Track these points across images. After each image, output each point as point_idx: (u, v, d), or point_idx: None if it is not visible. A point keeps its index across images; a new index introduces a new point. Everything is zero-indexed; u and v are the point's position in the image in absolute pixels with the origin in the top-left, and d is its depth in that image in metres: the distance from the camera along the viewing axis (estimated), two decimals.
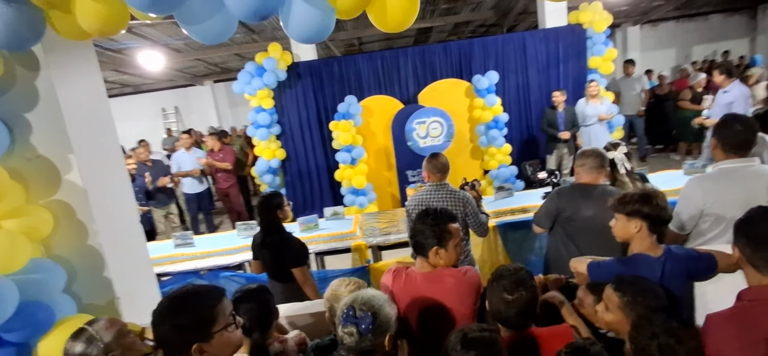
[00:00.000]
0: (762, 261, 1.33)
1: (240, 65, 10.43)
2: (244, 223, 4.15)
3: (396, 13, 1.50)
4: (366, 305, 1.32)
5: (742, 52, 11.91)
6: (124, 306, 2.00)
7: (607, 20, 5.93)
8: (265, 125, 5.95)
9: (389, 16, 1.52)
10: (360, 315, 1.30)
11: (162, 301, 1.26)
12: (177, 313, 1.22)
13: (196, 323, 1.23)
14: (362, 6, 1.50)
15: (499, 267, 1.56)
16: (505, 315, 1.50)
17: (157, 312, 1.25)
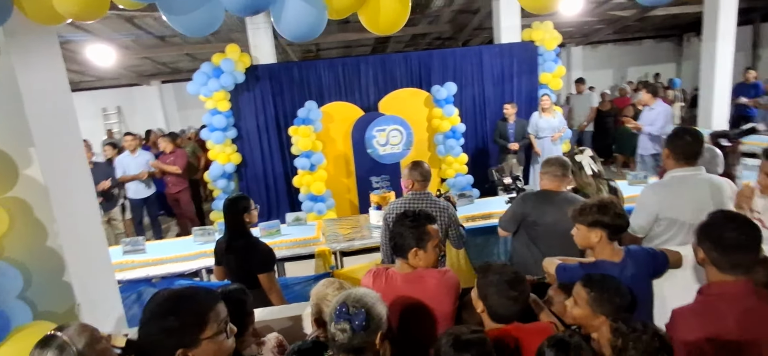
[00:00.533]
0: (726, 264, 1.45)
1: (191, 66, 10.11)
2: (202, 228, 3.98)
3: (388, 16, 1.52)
4: (359, 302, 1.32)
5: (670, 75, 13.01)
6: (84, 314, 1.84)
7: (557, 39, 6.29)
8: (221, 128, 5.76)
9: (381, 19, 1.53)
10: (353, 311, 1.29)
11: (153, 299, 1.19)
12: (167, 314, 1.15)
13: (185, 327, 1.16)
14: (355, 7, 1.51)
15: (487, 263, 1.60)
16: (508, 312, 1.54)
17: (147, 311, 1.17)
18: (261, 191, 6.28)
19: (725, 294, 1.44)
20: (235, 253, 2.68)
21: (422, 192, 2.74)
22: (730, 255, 1.44)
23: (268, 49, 6.13)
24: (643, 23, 10.95)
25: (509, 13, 6.40)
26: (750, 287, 1.46)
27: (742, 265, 1.45)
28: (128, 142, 6.09)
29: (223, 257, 2.79)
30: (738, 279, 1.44)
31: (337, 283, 1.74)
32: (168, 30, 7.31)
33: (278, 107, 6.08)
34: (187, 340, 1.16)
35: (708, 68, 6.83)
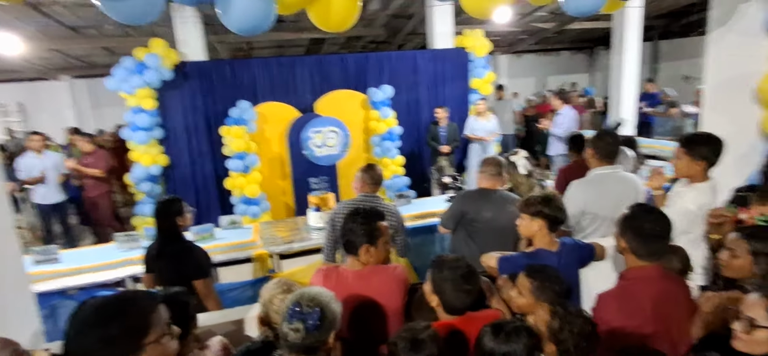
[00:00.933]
0: (644, 250, 1.65)
1: (109, 61, 9.33)
2: (126, 234, 3.70)
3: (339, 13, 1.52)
4: (313, 301, 1.31)
5: (584, 84, 14.21)
6: None
7: (487, 47, 6.63)
8: (145, 128, 5.39)
9: (332, 16, 1.53)
10: (307, 310, 1.28)
11: (84, 309, 1.09)
12: (107, 322, 1.06)
13: (127, 333, 1.08)
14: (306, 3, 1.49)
15: (440, 257, 1.65)
16: (463, 304, 1.60)
17: (78, 321, 1.07)
18: (190, 194, 5.95)
19: (642, 278, 1.64)
20: (168, 259, 2.53)
21: (372, 195, 2.77)
22: (648, 244, 1.64)
23: (197, 44, 5.85)
24: (560, 35, 11.86)
25: (442, 19, 6.64)
26: (662, 271, 1.67)
27: (657, 252, 1.66)
28: (34, 142, 5.49)
29: (154, 264, 2.61)
30: (653, 264, 1.65)
31: (286, 284, 1.71)
32: (82, 20, 6.71)
33: (209, 106, 5.81)
34: (130, 347, 1.09)
35: (616, 79, 7.56)
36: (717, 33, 3.27)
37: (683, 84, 11.57)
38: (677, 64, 12.07)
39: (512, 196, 2.69)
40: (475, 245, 2.58)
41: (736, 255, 1.71)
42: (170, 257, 2.52)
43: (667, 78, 11.95)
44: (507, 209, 2.58)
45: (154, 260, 2.60)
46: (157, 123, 5.54)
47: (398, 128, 6.25)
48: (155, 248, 2.61)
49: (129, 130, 5.41)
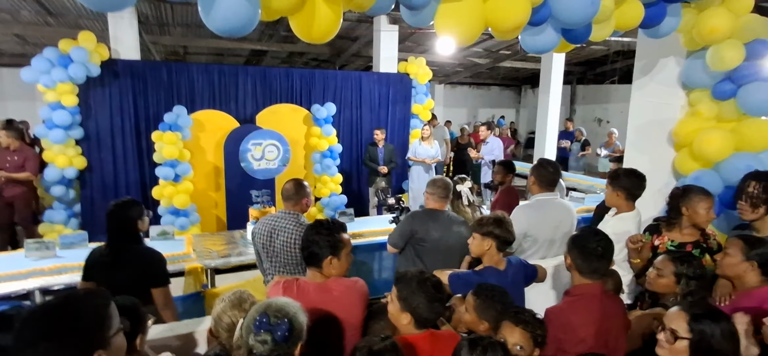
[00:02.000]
0: (587, 268, 1.82)
1: (20, 50, 8.43)
2: (36, 241, 3.31)
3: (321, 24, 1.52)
4: (281, 312, 1.26)
5: (511, 118, 15.23)
6: None
7: (428, 75, 6.91)
8: (64, 126, 4.91)
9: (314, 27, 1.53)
10: (275, 322, 1.23)
11: (31, 320, 0.97)
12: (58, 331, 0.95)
13: (91, 329, 1.00)
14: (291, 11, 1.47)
15: (403, 272, 1.65)
16: (435, 314, 1.61)
17: (29, 335, 0.94)
18: (109, 200, 5.41)
19: (585, 294, 1.81)
20: (124, 266, 2.30)
21: (290, 212, 2.64)
22: (591, 262, 1.81)
23: (132, 43, 5.48)
24: (492, 72, 12.66)
25: (388, 44, 6.83)
26: (602, 288, 1.85)
27: (599, 271, 1.84)
28: None
29: (103, 272, 2.33)
30: (594, 282, 1.82)
31: (238, 297, 1.63)
32: None
33: (139, 108, 5.44)
34: (99, 342, 1.02)
35: (542, 116, 8.20)
36: (641, 81, 3.70)
37: (595, 126, 12.83)
38: (591, 107, 13.36)
39: (458, 217, 2.81)
40: (422, 264, 2.63)
41: (662, 274, 1.95)
42: (127, 264, 2.31)
43: (582, 119, 13.18)
44: (453, 229, 2.68)
45: (106, 267, 2.34)
46: (77, 122, 5.07)
47: (339, 146, 6.27)
48: (107, 254, 2.37)
49: (43, 127, 4.90)
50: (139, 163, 5.58)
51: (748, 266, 1.82)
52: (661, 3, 2.73)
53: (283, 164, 5.87)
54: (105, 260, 2.38)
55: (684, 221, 2.36)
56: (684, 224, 2.37)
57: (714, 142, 3.01)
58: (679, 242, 2.39)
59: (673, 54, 3.41)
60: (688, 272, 1.87)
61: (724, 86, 3.05)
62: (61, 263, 3.22)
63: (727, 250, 1.92)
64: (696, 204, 2.30)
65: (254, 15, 1.43)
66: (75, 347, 0.98)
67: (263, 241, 2.61)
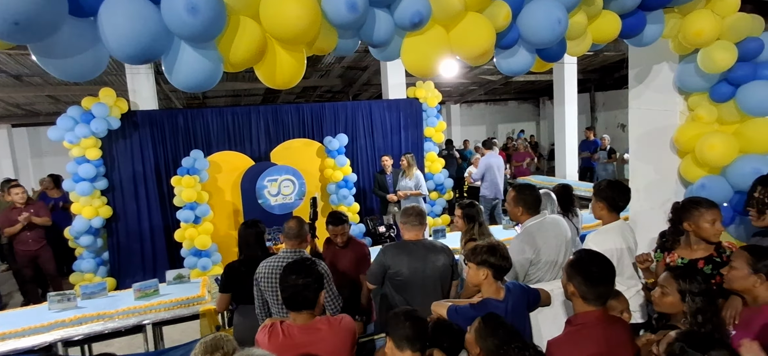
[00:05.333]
0: (592, 295, 1.72)
1: (53, 109, 8.96)
2: (60, 294, 3.45)
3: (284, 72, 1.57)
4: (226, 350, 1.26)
5: (532, 132, 15.01)
6: None
7: (438, 97, 6.92)
8: (89, 178, 5.15)
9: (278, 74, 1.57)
10: None
11: None
12: None
13: None
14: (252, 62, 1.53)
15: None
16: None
17: None
18: (134, 247, 5.69)
19: (588, 323, 1.71)
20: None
21: (294, 251, 2.62)
22: (596, 287, 1.71)
23: (149, 94, 5.75)
24: (507, 87, 12.58)
25: (395, 71, 6.91)
26: (607, 314, 1.76)
27: (604, 295, 1.74)
28: None
29: (240, 282, 2.79)
30: (597, 308, 1.73)
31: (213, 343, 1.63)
32: (26, 68, 6.46)
33: (159, 155, 5.67)
34: None
35: (560, 127, 8.06)
36: (636, 90, 3.59)
37: (619, 132, 12.48)
38: (613, 113, 13.03)
39: (438, 244, 2.70)
40: (402, 299, 2.56)
41: (666, 293, 1.84)
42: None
43: (605, 126, 12.86)
44: (430, 258, 2.58)
45: (242, 277, 2.75)
46: (101, 173, 5.32)
47: (353, 176, 6.31)
48: (243, 266, 2.82)
49: (70, 181, 5.16)
50: (161, 208, 5.77)
51: (755, 279, 1.71)
52: (639, 13, 2.66)
53: (299, 197, 5.95)
54: (242, 271, 2.77)
55: (692, 237, 2.24)
56: (693, 240, 2.24)
57: (716, 147, 2.88)
58: (689, 260, 2.26)
59: (666, 59, 3.30)
60: (692, 288, 1.76)
61: (722, 88, 2.93)
62: (82, 314, 3.33)
63: (732, 263, 1.81)
64: (697, 219, 2.17)
65: (216, 70, 1.49)
66: None
67: (272, 285, 2.53)
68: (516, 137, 11.66)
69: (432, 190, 7.07)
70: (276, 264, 2.55)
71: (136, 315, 3.37)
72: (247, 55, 1.48)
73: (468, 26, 2.18)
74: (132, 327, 3.34)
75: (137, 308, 3.44)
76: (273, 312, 2.61)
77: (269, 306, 2.62)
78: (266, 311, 2.64)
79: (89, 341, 3.35)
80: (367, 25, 1.90)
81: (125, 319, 3.32)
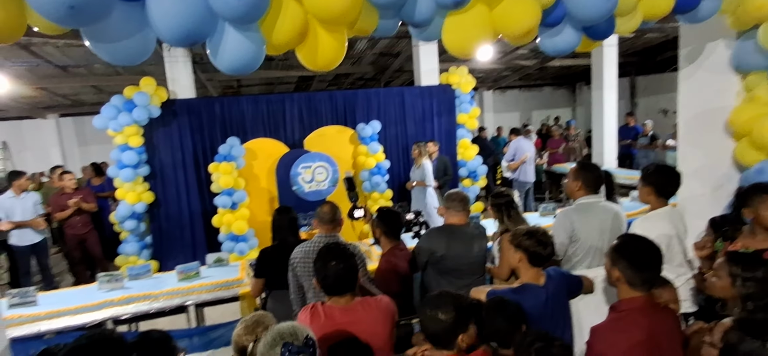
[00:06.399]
0: (638, 280, 1.64)
1: (97, 99, 9.34)
2: (108, 274, 3.60)
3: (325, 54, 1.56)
4: (296, 332, 1.28)
5: (567, 117, 14.56)
6: None
7: (471, 83, 6.79)
8: (132, 165, 5.34)
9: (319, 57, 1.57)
10: (301, 343, 1.25)
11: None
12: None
13: None
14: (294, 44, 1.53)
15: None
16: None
17: None
18: (176, 231, 5.87)
19: (634, 309, 1.64)
20: None
21: (330, 235, 2.63)
22: (643, 272, 1.64)
23: (187, 82, 5.89)
24: (542, 72, 12.22)
25: (428, 57, 6.81)
26: (651, 300, 1.67)
27: (650, 281, 1.66)
28: (22, 182, 5.40)
29: (273, 267, 2.85)
30: (644, 294, 1.65)
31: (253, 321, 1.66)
32: (71, 60, 6.73)
33: (197, 143, 5.81)
34: None
35: (597, 113, 7.77)
36: (687, 70, 3.40)
37: (661, 117, 11.95)
38: (655, 98, 12.48)
39: (480, 230, 2.68)
40: (446, 283, 2.53)
41: (718, 277, 1.75)
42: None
43: (646, 112, 12.33)
44: (475, 244, 2.57)
45: (275, 263, 2.81)
46: (143, 160, 5.50)
47: (386, 163, 6.30)
48: (277, 251, 2.86)
49: (115, 167, 5.36)
50: (200, 194, 5.92)
51: None
52: None
53: (332, 184, 5.99)
54: (275, 257, 2.82)
55: (755, 226, 2.10)
56: (757, 229, 2.11)
57: None
58: (754, 250, 2.12)
59: (722, 36, 3.10)
60: (744, 274, 1.65)
61: None
62: (129, 294, 3.47)
63: None
64: (758, 206, 2.03)
65: (260, 52, 1.49)
66: None
67: (309, 269, 2.52)
68: (565, 126, 11.24)
69: (464, 177, 6.99)
70: (311, 249, 2.57)
71: (179, 295, 3.49)
72: (289, 36, 1.47)
73: (512, 4, 2.10)
74: (175, 308, 3.46)
75: (180, 289, 3.56)
76: (308, 297, 2.63)
77: (305, 291, 2.64)
78: (301, 296, 2.66)
79: (136, 319, 3.49)
80: (408, 5, 1.86)
81: (169, 300, 3.44)
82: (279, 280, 2.80)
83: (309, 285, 2.57)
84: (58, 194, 5.65)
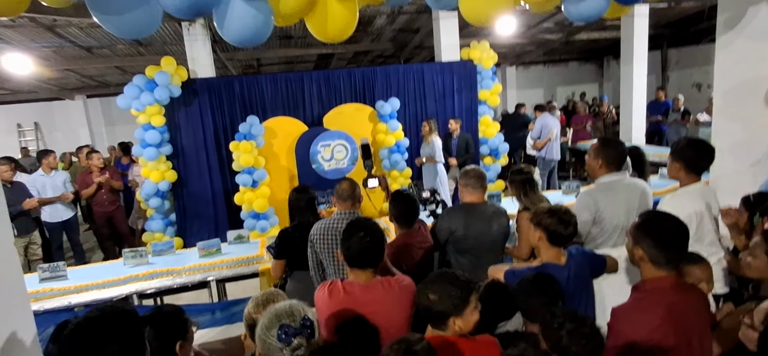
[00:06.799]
0: (663, 259, 1.55)
1: (121, 79, 9.52)
2: (133, 250, 3.70)
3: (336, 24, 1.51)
4: (293, 313, 1.26)
5: (594, 93, 14.11)
6: None
7: (493, 58, 6.60)
8: (155, 144, 5.43)
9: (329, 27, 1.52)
10: (298, 324, 1.23)
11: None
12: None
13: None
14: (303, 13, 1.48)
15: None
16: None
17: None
18: (199, 209, 5.98)
19: (658, 289, 1.56)
20: None
21: (349, 212, 2.60)
22: (668, 251, 1.55)
23: (207, 62, 5.91)
24: (567, 46, 11.81)
25: (449, 32, 6.64)
26: (678, 281, 1.59)
27: (675, 259, 1.58)
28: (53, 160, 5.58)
29: (293, 247, 2.79)
30: (669, 273, 1.56)
31: (265, 298, 1.66)
32: (95, 41, 6.84)
33: (218, 122, 5.86)
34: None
35: (626, 88, 7.48)
36: (725, 38, 3.19)
37: (695, 92, 11.44)
38: (688, 72, 11.93)
39: (499, 208, 2.61)
40: (465, 261, 2.50)
41: (754, 255, 1.65)
42: None
43: (678, 86, 11.81)
44: (494, 222, 2.51)
45: (296, 242, 2.76)
46: (166, 139, 5.58)
47: (406, 141, 6.23)
48: (296, 231, 2.81)
49: (139, 147, 5.46)
50: (221, 172, 6.00)
51: None
52: None
53: (352, 162, 5.98)
54: (295, 237, 2.78)
55: None
56: None
57: None
58: None
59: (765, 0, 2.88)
60: None
61: None
62: (153, 270, 3.56)
63: None
64: None
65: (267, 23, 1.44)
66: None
67: (328, 246, 2.54)
68: (598, 102, 10.85)
69: (486, 155, 6.87)
70: (330, 225, 2.56)
71: (201, 271, 3.55)
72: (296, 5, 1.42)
73: None
74: (198, 283, 3.53)
75: (202, 265, 3.62)
76: (328, 273, 2.63)
77: (324, 267, 2.64)
78: (321, 272, 2.66)
79: (160, 294, 3.58)
80: None
81: (191, 275, 3.51)
82: (300, 260, 2.79)
83: (328, 261, 2.57)
84: (86, 173, 5.81)
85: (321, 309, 1.74)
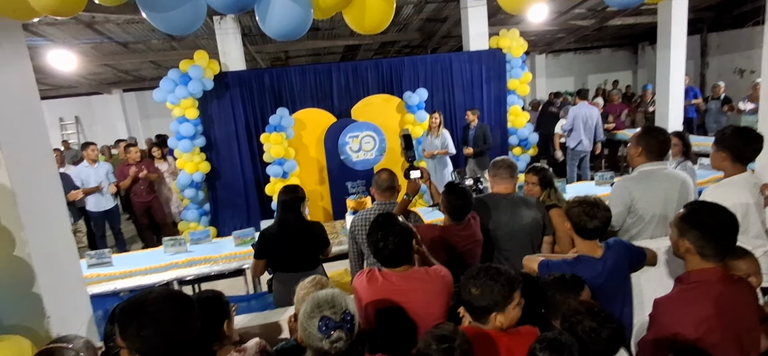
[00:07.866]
0: (710, 250, 1.51)
1: (156, 74, 9.82)
2: (173, 239, 3.84)
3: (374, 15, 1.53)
4: (336, 305, 1.27)
5: (627, 82, 13.65)
6: (54, 328, 1.72)
7: (523, 47, 6.48)
8: (189, 136, 5.60)
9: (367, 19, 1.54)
10: (341, 317, 1.24)
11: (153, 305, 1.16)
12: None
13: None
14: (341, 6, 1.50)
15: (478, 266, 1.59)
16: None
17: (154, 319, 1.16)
18: (232, 199, 6.14)
19: (704, 281, 1.51)
20: (293, 239, 2.76)
21: (387, 203, 2.61)
22: (716, 242, 1.51)
23: (237, 55, 6.03)
24: (600, 33, 11.45)
25: (477, 21, 6.55)
26: (725, 273, 1.54)
27: (723, 251, 1.53)
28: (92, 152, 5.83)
29: (276, 248, 2.76)
30: (716, 265, 1.52)
31: (320, 282, 1.71)
32: (131, 36, 7.08)
33: (249, 114, 5.98)
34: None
35: (663, 75, 7.20)
36: None
37: (737, 78, 10.93)
38: (730, 57, 11.39)
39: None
40: (496, 252, 2.49)
41: None
42: (294, 236, 2.74)
43: (719, 72, 11.30)
44: (522, 212, 2.48)
45: (280, 242, 2.74)
46: (199, 132, 5.74)
47: None
48: (277, 232, 2.77)
49: (174, 139, 5.64)
50: (253, 163, 6.14)
51: None
52: None
53: (380, 153, 6.01)
54: (276, 237, 2.75)
55: None
56: None
57: None
58: None
59: None
60: None
61: None
62: (192, 257, 3.70)
63: None
64: None
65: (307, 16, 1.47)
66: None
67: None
68: (642, 90, 10.48)
69: (515, 145, 6.78)
70: (370, 217, 2.55)
71: (236, 259, 3.66)
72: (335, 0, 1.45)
73: None
74: (233, 271, 3.65)
75: (237, 253, 3.74)
76: (369, 263, 2.65)
77: (365, 258, 2.68)
78: (361, 263, 2.70)
79: (198, 281, 3.72)
80: None
81: (228, 263, 3.62)
82: (281, 261, 2.78)
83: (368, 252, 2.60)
84: (123, 165, 6.05)
85: (360, 296, 1.77)
